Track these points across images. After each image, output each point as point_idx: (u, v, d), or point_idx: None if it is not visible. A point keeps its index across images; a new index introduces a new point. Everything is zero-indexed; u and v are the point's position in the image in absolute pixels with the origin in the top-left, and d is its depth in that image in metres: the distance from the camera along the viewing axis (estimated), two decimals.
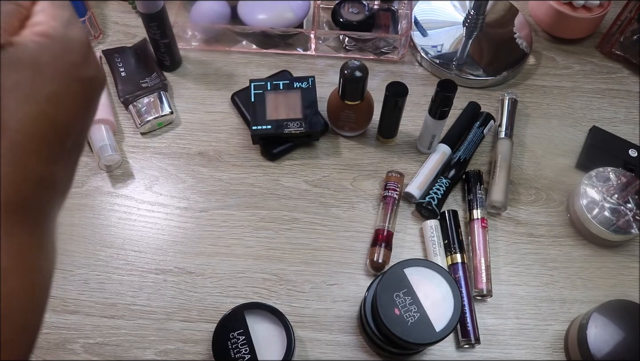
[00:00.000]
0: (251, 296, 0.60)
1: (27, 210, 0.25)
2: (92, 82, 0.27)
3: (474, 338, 0.57)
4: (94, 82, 0.27)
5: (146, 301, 0.60)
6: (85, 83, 0.26)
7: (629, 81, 0.77)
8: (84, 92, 0.26)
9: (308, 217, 0.65)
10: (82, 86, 0.26)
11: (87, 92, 0.27)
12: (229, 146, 0.69)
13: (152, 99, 0.70)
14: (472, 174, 0.66)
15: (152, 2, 0.66)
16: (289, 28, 0.75)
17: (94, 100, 0.28)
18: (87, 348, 0.57)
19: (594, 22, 0.77)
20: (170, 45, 0.72)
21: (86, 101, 0.27)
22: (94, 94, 0.27)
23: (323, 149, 0.70)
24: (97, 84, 0.27)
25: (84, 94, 0.26)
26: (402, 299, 0.50)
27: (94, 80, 0.27)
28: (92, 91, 0.27)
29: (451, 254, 0.61)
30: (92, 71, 0.27)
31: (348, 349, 0.58)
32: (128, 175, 0.67)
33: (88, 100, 0.27)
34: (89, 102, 0.27)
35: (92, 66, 0.27)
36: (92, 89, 0.27)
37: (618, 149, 0.70)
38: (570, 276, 0.62)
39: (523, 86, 0.76)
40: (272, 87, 0.68)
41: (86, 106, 0.27)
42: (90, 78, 0.27)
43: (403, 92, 0.62)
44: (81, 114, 0.27)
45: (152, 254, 0.62)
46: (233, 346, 0.52)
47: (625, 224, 0.61)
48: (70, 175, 0.28)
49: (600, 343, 0.53)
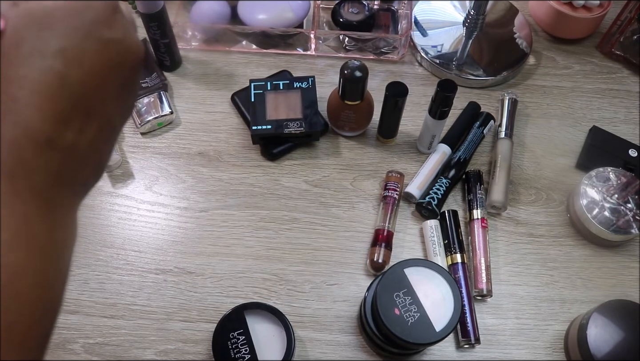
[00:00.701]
0: (251, 296, 0.60)
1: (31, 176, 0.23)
2: (117, 45, 0.25)
3: (474, 338, 0.57)
4: (119, 45, 0.25)
5: (146, 301, 0.60)
6: (107, 45, 0.25)
7: (629, 81, 0.77)
8: (105, 54, 0.25)
9: (308, 217, 0.65)
10: (101, 46, 0.25)
11: (110, 54, 0.25)
12: (229, 146, 0.69)
13: (152, 99, 0.70)
14: (472, 174, 0.66)
15: (152, 2, 0.66)
16: (289, 28, 0.75)
17: (121, 65, 0.26)
18: (87, 348, 0.57)
19: (594, 22, 0.77)
20: (170, 45, 0.72)
21: (108, 64, 0.25)
22: (120, 60, 0.26)
23: (323, 149, 0.70)
24: (122, 48, 0.26)
25: (106, 56, 0.25)
26: (402, 299, 0.50)
27: (119, 43, 0.25)
28: (116, 55, 0.25)
29: (451, 254, 0.61)
30: (116, 33, 0.25)
31: (348, 349, 0.58)
32: (128, 175, 0.67)
33: (112, 64, 0.25)
34: (113, 66, 0.25)
35: (116, 28, 0.25)
36: (116, 52, 0.25)
37: (618, 149, 0.70)
38: (570, 276, 0.62)
39: (523, 86, 0.76)
40: (272, 87, 0.68)
41: (108, 69, 0.25)
42: (114, 40, 0.25)
43: (403, 92, 0.62)
44: (101, 77, 0.25)
45: (152, 254, 0.62)
46: (233, 346, 0.52)
47: (625, 224, 0.61)
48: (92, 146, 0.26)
49: (600, 343, 0.53)
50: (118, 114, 0.27)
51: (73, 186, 0.26)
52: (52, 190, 0.24)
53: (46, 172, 0.23)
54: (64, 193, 0.25)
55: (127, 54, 0.26)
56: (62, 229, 0.25)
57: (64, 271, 0.25)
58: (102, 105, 0.25)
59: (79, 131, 0.24)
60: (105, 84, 0.25)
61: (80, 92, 0.24)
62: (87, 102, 0.24)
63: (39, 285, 0.23)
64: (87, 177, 0.27)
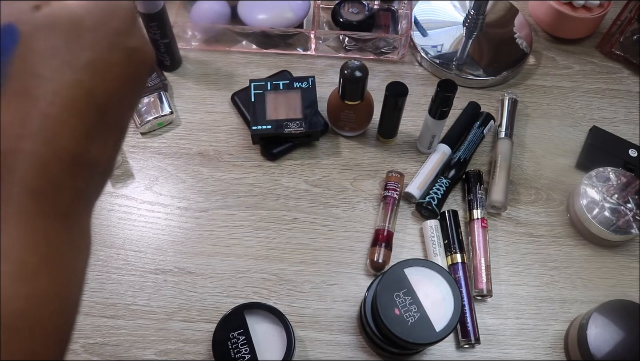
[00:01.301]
0: (251, 296, 0.60)
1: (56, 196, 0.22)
2: (137, 53, 0.25)
3: (474, 338, 0.57)
4: (138, 53, 0.25)
5: (146, 301, 0.60)
6: (128, 54, 0.24)
7: (629, 81, 0.77)
8: (126, 64, 0.24)
9: (308, 217, 0.65)
10: (124, 57, 0.24)
11: (130, 63, 0.24)
12: (229, 146, 0.69)
13: (152, 99, 0.70)
14: (472, 174, 0.66)
15: (152, 2, 0.66)
16: (289, 28, 0.75)
17: (138, 74, 0.25)
18: (87, 348, 0.57)
19: (594, 22, 0.77)
20: (170, 45, 0.72)
21: (129, 74, 0.24)
22: (138, 67, 0.25)
23: (323, 149, 0.70)
24: (141, 56, 0.25)
25: (127, 65, 0.24)
26: (402, 299, 0.50)
27: (138, 52, 0.25)
28: (135, 63, 0.25)
29: (451, 254, 0.61)
30: (136, 41, 0.25)
31: (348, 349, 0.58)
32: (128, 175, 0.67)
33: (131, 73, 0.25)
34: (133, 76, 0.25)
35: (137, 36, 0.25)
36: (136, 61, 0.25)
37: (618, 149, 0.70)
38: (570, 276, 0.62)
39: (523, 86, 0.76)
40: (272, 87, 0.68)
41: (129, 79, 0.25)
42: (135, 49, 0.24)
43: (403, 92, 0.62)
44: (123, 88, 0.24)
45: (152, 254, 0.62)
46: (233, 346, 0.52)
47: (625, 224, 0.61)
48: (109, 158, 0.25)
49: (600, 343, 0.53)
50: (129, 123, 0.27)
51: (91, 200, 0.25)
52: (74, 208, 0.23)
53: (70, 190, 0.23)
54: (84, 209, 0.24)
55: (145, 63, 0.26)
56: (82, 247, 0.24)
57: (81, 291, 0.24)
58: (121, 117, 0.25)
59: (102, 146, 0.24)
60: (127, 95, 0.25)
61: (105, 106, 0.23)
62: (110, 115, 0.24)
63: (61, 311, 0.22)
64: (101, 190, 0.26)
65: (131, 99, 0.25)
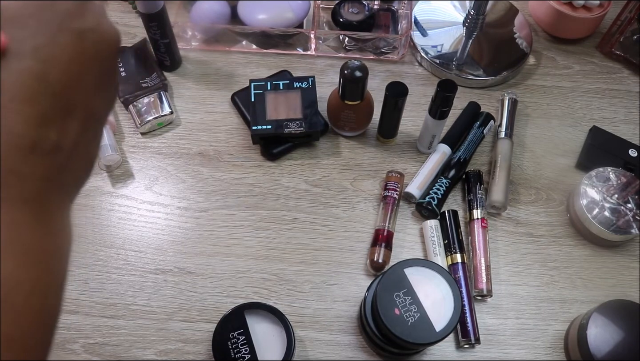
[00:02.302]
0: (251, 296, 0.60)
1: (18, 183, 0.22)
2: (91, 33, 0.24)
3: (474, 338, 0.57)
4: (93, 33, 0.24)
5: (146, 301, 0.60)
6: (79, 35, 0.24)
7: (629, 81, 0.77)
8: (81, 46, 0.24)
9: (308, 217, 0.65)
10: (75, 38, 0.24)
11: (86, 45, 0.24)
12: (229, 146, 0.69)
13: (152, 99, 0.70)
14: (472, 174, 0.66)
15: (152, 2, 0.66)
16: (289, 28, 0.75)
17: (98, 55, 0.25)
18: (87, 348, 0.57)
19: (594, 22, 0.77)
20: (170, 45, 0.72)
21: (85, 55, 0.24)
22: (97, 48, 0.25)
23: (323, 149, 0.70)
24: (98, 36, 0.25)
25: (82, 48, 0.24)
26: (402, 299, 0.50)
27: (93, 32, 0.24)
28: (92, 45, 0.24)
29: (451, 254, 0.61)
30: (90, 22, 0.24)
31: (348, 349, 0.58)
32: (128, 175, 0.67)
33: (88, 54, 0.24)
34: (90, 57, 0.24)
35: (89, 16, 0.24)
36: (91, 41, 0.24)
37: (618, 149, 0.70)
38: (570, 276, 0.62)
39: (523, 86, 0.76)
40: (272, 87, 0.68)
41: (85, 60, 0.24)
42: (88, 29, 0.24)
43: (403, 92, 0.62)
44: (79, 70, 0.24)
45: (152, 254, 0.62)
46: (233, 346, 0.52)
47: (625, 224, 0.61)
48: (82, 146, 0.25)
49: (600, 343, 0.53)
50: (100, 105, 0.26)
51: (62, 188, 0.25)
52: (42, 195, 0.23)
53: (34, 178, 0.23)
54: (55, 195, 0.24)
55: (103, 42, 0.25)
56: (55, 234, 0.24)
57: (60, 278, 0.24)
58: (83, 99, 0.25)
59: (63, 130, 0.24)
60: (85, 77, 0.24)
61: (60, 90, 0.23)
62: (67, 99, 0.24)
63: (34, 294, 0.22)
64: (77, 175, 0.26)
65: (93, 81, 0.25)
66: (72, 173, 0.25)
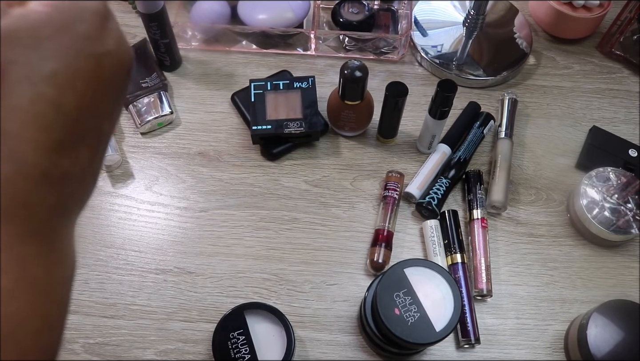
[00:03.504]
0: (251, 296, 0.60)
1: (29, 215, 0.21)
2: (109, 58, 0.23)
3: (474, 338, 0.57)
4: (111, 58, 0.23)
5: (146, 301, 0.60)
6: (98, 59, 0.22)
7: (629, 81, 0.77)
8: (97, 70, 0.23)
9: (308, 217, 0.65)
10: (94, 63, 0.22)
11: (102, 69, 0.23)
12: (229, 146, 0.69)
13: (152, 99, 0.70)
14: (472, 174, 0.66)
15: (152, 2, 0.66)
16: (289, 28, 0.75)
17: (114, 79, 0.24)
18: (87, 348, 0.57)
19: (594, 22, 0.77)
20: (170, 45, 0.72)
21: (102, 80, 0.23)
22: (113, 72, 0.23)
23: (323, 149, 0.70)
24: (116, 60, 0.23)
25: (98, 72, 0.23)
26: (402, 299, 0.50)
27: (111, 56, 0.23)
28: (109, 68, 0.23)
29: (451, 254, 0.61)
30: (108, 45, 0.23)
31: (348, 349, 0.58)
32: (128, 175, 0.67)
33: (105, 79, 0.23)
34: (107, 82, 0.23)
35: (109, 39, 0.23)
36: (109, 65, 0.23)
37: (618, 149, 0.70)
38: (570, 276, 0.62)
39: (523, 86, 0.76)
40: (272, 87, 0.68)
41: (102, 86, 0.23)
42: (106, 53, 0.23)
43: (403, 92, 0.62)
44: (95, 96, 0.23)
45: (152, 254, 0.62)
46: (233, 346, 0.52)
47: (625, 224, 0.61)
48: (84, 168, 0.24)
49: (600, 343, 0.53)
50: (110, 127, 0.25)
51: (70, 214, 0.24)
52: (50, 225, 0.22)
53: (43, 208, 0.22)
54: (62, 224, 0.23)
55: (120, 66, 0.24)
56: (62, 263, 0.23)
57: (65, 307, 0.24)
58: (97, 125, 0.24)
59: (75, 158, 0.23)
60: (101, 102, 0.23)
61: (76, 117, 0.22)
62: (82, 125, 0.23)
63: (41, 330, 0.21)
64: (83, 201, 0.25)
65: (108, 106, 0.24)
66: (79, 199, 0.24)
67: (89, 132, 0.23)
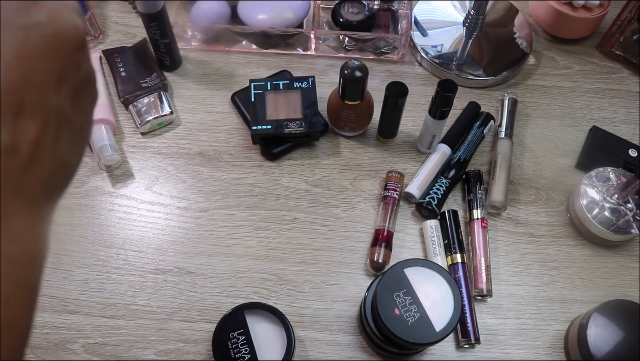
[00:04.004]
0: (251, 296, 0.60)
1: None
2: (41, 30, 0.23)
3: (474, 338, 0.57)
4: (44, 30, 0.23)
5: (146, 301, 0.60)
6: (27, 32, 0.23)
7: (629, 81, 0.77)
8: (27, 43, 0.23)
9: (308, 217, 0.65)
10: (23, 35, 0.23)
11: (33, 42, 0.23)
12: (229, 146, 0.69)
13: (152, 99, 0.70)
14: (472, 174, 0.66)
15: (152, 2, 0.66)
16: (289, 28, 0.75)
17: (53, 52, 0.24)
18: (87, 348, 0.57)
19: (594, 22, 0.77)
20: (170, 45, 0.72)
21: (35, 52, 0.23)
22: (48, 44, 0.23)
23: (323, 149, 0.70)
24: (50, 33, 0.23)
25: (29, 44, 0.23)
26: (402, 299, 0.50)
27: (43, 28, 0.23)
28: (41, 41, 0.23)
29: (451, 254, 0.61)
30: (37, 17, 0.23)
31: (348, 349, 0.58)
32: (128, 175, 0.67)
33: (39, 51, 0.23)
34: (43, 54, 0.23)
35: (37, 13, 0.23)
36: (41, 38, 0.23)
37: (618, 149, 0.70)
38: (570, 276, 0.62)
39: (523, 86, 0.76)
40: (272, 87, 0.68)
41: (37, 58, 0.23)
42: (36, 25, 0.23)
43: (403, 92, 0.62)
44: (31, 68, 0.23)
45: (152, 254, 0.62)
46: (233, 346, 0.52)
47: (625, 224, 0.61)
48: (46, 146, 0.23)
49: (600, 343, 0.53)
50: (66, 103, 0.25)
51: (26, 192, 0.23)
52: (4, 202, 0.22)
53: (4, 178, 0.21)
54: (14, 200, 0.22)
55: (56, 37, 0.24)
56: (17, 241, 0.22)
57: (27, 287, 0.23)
58: (39, 97, 0.23)
59: (14, 131, 0.22)
60: (35, 74, 0.23)
61: (7, 89, 0.22)
62: (17, 98, 0.22)
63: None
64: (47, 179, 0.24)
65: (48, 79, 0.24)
66: (38, 176, 0.24)
67: (31, 105, 0.23)
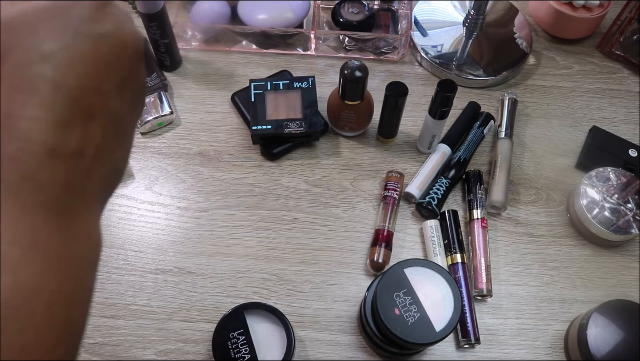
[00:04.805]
0: (251, 296, 0.60)
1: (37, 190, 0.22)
2: (109, 38, 0.24)
3: (474, 338, 0.57)
4: (110, 38, 0.24)
5: (146, 301, 0.60)
6: (96, 40, 0.24)
7: (629, 81, 0.77)
8: (97, 51, 0.24)
9: (308, 217, 0.65)
10: (92, 43, 0.23)
11: (103, 51, 0.24)
12: (229, 146, 0.69)
13: (152, 99, 0.70)
14: (472, 174, 0.66)
15: (152, 2, 0.66)
16: (289, 28, 0.75)
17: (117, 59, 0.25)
18: (87, 348, 0.57)
19: (594, 22, 0.77)
20: (170, 45, 0.72)
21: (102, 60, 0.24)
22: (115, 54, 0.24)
23: (323, 149, 0.70)
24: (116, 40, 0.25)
25: (99, 53, 0.24)
26: (402, 299, 0.50)
27: (110, 37, 0.24)
28: (109, 50, 0.24)
29: (451, 254, 0.61)
30: (106, 27, 0.24)
31: (348, 349, 0.58)
32: (128, 175, 0.67)
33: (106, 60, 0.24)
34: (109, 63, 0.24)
35: (106, 21, 0.24)
36: (108, 45, 0.24)
37: (618, 149, 0.70)
38: (570, 276, 0.62)
39: (523, 86, 0.76)
40: (272, 87, 0.68)
41: (105, 66, 0.24)
42: (105, 34, 0.24)
43: (403, 92, 0.62)
44: (97, 74, 0.24)
45: (152, 254, 0.62)
46: (233, 346, 0.52)
47: (625, 224, 0.61)
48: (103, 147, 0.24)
49: (600, 343, 0.53)
50: (124, 110, 0.26)
51: (87, 194, 0.24)
52: (64, 201, 0.23)
53: (54, 184, 0.22)
54: (78, 202, 0.24)
55: (121, 47, 0.25)
56: (79, 242, 0.23)
57: (86, 287, 0.24)
58: (104, 104, 0.24)
59: (83, 135, 0.23)
60: (103, 81, 0.24)
61: (77, 95, 0.23)
62: (86, 104, 0.23)
63: (56, 303, 0.21)
64: (103, 182, 0.26)
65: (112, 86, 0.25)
66: (97, 179, 0.25)
67: (97, 111, 0.24)
